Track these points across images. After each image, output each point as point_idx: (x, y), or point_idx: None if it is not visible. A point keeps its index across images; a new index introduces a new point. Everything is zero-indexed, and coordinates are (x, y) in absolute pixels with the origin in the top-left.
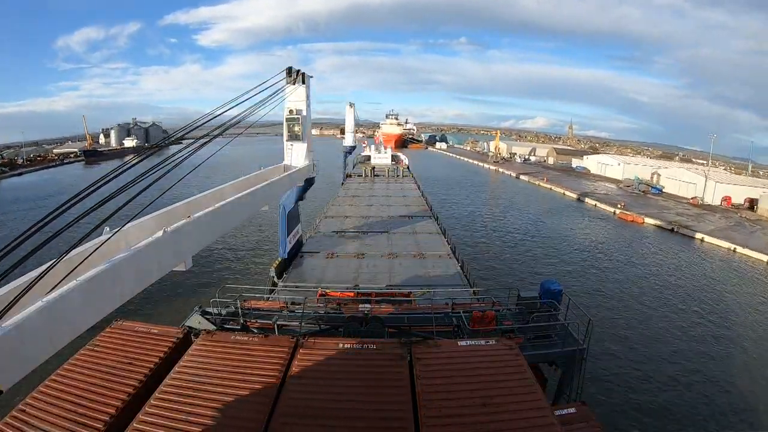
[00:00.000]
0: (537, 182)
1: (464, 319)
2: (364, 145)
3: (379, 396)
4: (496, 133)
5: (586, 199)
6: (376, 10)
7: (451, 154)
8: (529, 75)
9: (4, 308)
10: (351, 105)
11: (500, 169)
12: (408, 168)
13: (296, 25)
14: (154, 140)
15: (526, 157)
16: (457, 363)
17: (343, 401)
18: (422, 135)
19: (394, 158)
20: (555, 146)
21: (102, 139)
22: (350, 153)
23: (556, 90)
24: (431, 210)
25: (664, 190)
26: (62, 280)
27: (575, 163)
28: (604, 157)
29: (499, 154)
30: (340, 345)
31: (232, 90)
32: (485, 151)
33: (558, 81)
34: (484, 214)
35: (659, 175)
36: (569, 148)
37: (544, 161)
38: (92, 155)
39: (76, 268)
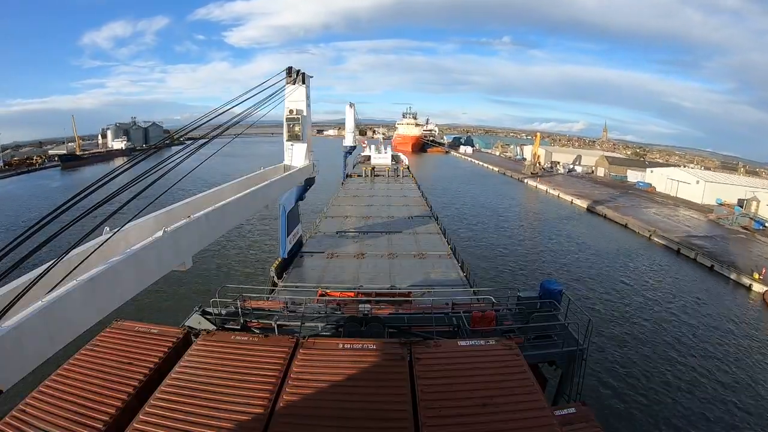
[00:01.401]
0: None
1: (464, 320)
2: (363, 145)
3: (379, 396)
4: (536, 136)
5: (697, 257)
6: (423, 7)
7: (475, 161)
8: (568, 77)
9: (4, 308)
10: (351, 105)
11: (542, 187)
12: (408, 168)
13: (336, 21)
14: (154, 140)
15: (571, 166)
16: (457, 363)
17: (343, 401)
18: (444, 137)
19: (395, 158)
20: (607, 153)
21: (100, 140)
22: (350, 153)
23: (594, 92)
24: (431, 210)
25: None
26: (62, 280)
27: (632, 175)
28: (676, 171)
29: (539, 162)
30: (340, 345)
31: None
32: (518, 156)
33: (597, 83)
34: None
35: (758, 201)
36: (619, 155)
37: (592, 172)
38: (70, 159)
39: (76, 268)
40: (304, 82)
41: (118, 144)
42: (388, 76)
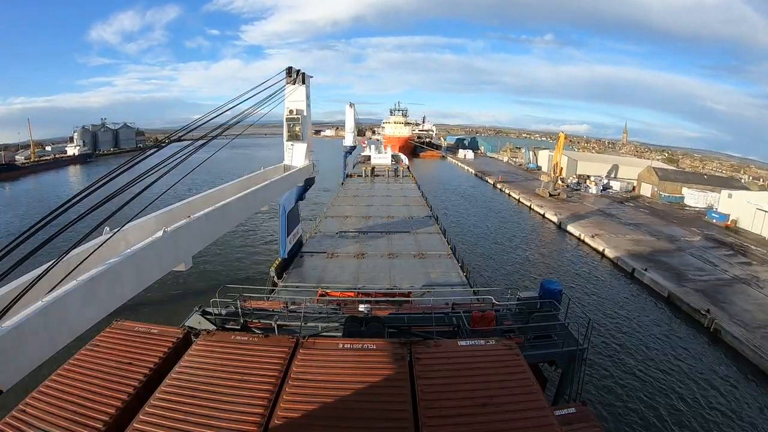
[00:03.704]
0: None
1: (464, 319)
2: (363, 145)
3: (379, 396)
4: (560, 138)
5: None
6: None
7: (470, 170)
8: (603, 77)
9: (4, 308)
10: (351, 105)
11: (573, 231)
12: (408, 168)
13: (369, 14)
14: (125, 143)
15: (605, 182)
16: (457, 363)
17: (343, 401)
18: (443, 139)
19: (395, 158)
20: (654, 164)
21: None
22: (350, 153)
23: (624, 94)
24: (431, 210)
25: None
26: (62, 280)
27: (690, 197)
28: None
29: (560, 177)
30: (340, 345)
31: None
32: (530, 164)
33: (631, 85)
34: None
35: None
36: (670, 167)
37: (633, 189)
38: (5, 170)
39: (75, 268)
40: (304, 82)
41: (71, 149)
42: (408, 74)
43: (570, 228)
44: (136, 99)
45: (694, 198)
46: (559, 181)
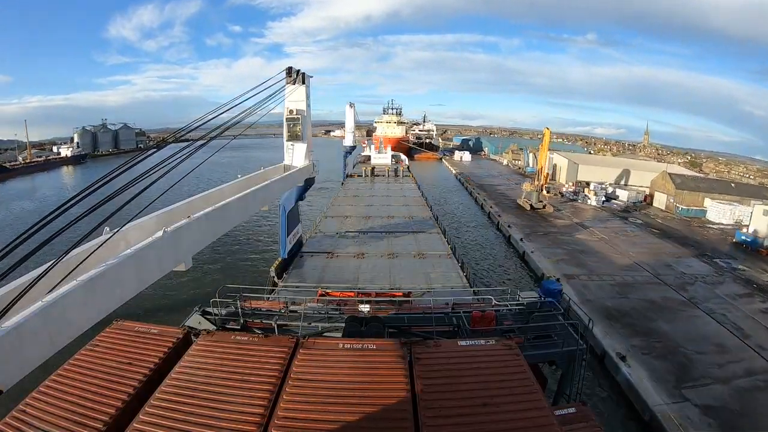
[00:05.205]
0: None
1: (464, 319)
2: (363, 145)
3: (379, 396)
4: (545, 134)
5: None
6: None
7: (456, 174)
8: (639, 79)
9: (4, 308)
10: (351, 105)
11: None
12: (408, 168)
13: (404, 9)
14: (125, 144)
15: (611, 190)
16: (457, 363)
17: (343, 401)
18: (445, 140)
19: (395, 158)
20: (671, 169)
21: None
22: (350, 153)
23: (660, 98)
24: (431, 210)
25: None
26: (62, 280)
27: (714, 210)
28: None
29: (545, 185)
30: (340, 345)
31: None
32: (528, 168)
33: (667, 87)
34: None
35: None
36: (691, 173)
37: (645, 200)
38: None
39: (75, 268)
40: (304, 82)
41: (65, 151)
42: (435, 74)
43: (535, 261)
44: (156, 98)
45: (718, 212)
46: (544, 191)
